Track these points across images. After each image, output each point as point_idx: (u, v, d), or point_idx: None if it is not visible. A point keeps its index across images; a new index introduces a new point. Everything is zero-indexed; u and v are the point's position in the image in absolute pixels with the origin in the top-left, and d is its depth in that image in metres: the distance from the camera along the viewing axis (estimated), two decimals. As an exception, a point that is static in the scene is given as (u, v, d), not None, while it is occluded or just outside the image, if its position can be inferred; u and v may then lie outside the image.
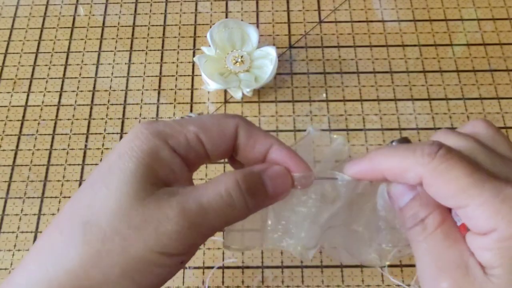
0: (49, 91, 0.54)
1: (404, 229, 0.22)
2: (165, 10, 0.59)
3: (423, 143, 0.21)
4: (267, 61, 0.53)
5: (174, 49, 0.57)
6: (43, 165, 0.51)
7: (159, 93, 0.54)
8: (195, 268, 0.45)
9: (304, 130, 0.51)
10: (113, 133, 0.52)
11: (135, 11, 0.59)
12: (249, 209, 0.23)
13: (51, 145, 0.51)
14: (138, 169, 0.21)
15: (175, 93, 0.54)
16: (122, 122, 0.53)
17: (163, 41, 0.57)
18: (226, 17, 0.58)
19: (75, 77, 0.55)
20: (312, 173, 0.24)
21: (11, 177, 0.50)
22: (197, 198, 0.21)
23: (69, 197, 0.49)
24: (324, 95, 0.53)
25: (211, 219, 0.22)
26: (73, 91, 0.54)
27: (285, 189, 0.24)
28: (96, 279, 0.20)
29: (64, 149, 0.51)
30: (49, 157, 0.51)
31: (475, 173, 0.19)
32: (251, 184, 0.23)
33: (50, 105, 0.54)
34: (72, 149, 0.51)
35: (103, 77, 0.55)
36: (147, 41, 0.57)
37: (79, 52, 0.57)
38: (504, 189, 0.19)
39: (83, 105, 0.54)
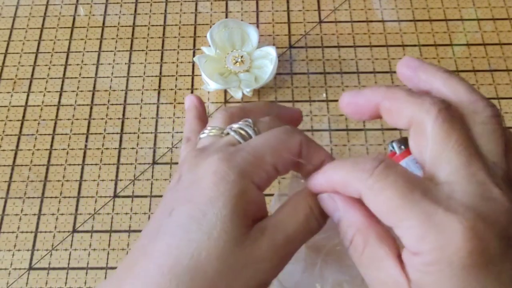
0: (49, 91, 0.54)
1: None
2: (165, 10, 0.59)
3: (370, 156, 0.21)
4: (267, 61, 0.53)
5: (174, 49, 0.57)
6: (43, 165, 0.50)
7: (159, 93, 0.54)
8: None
9: (306, 130, 0.51)
10: (113, 133, 0.52)
11: (135, 11, 0.59)
12: (322, 227, 0.24)
13: (51, 145, 0.51)
14: (233, 216, 0.22)
15: (175, 93, 0.54)
16: (122, 122, 0.53)
17: (163, 41, 0.57)
18: (226, 17, 0.58)
19: (75, 77, 0.55)
20: None
21: (11, 177, 0.50)
22: (283, 231, 0.23)
23: (69, 197, 0.49)
24: (324, 95, 0.53)
25: (295, 246, 0.23)
26: (73, 91, 0.54)
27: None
28: None
29: (64, 149, 0.51)
30: (49, 157, 0.51)
31: (408, 195, 0.19)
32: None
33: (50, 105, 0.54)
34: (72, 149, 0.51)
35: (103, 77, 0.55)
36: (147, 41, 0.57)
37: (79, 52, 0.57)
38: (435, 214, 0.18)
39: (83, 105, 0.54)
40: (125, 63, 0.56)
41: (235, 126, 0.26)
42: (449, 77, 0.22)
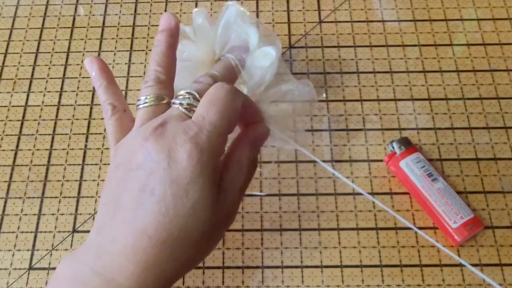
0: (49, 91, 0.54)
1: None
2: (165, 10, 0.59)
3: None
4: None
5: (174, 49, 0.57)
6: (43, 165, 0.51)
7: (159, 93, 0.54)
8: (195, 268, 0.45)
9: (307, 130, 0.51)
10: (113, 133, 0.52)
11: (135, 11, 0.59)
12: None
13: (51, 145, 0.51)
14: (210, 188, 0.27)
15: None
16: (122, 122, 0.52)
17: (163, 41, 0.57)
18: (226, 17, 0.58)
19: (75, 77, 0.55)
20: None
21: (11, 177, 0.50)
22: (237, 185, 0.29)
23: (69, 197, 0.49)
24: (324, 95, 0.53)
25: (245, 191, 0.30)
26: (73, 91, 0.54)
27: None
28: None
29: (64, 149, 0.51)
30: (49, 157, 0.51)
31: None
32: (258, 148, 0.32)
33: (50, 105, 0.54)
34: (72, 149, 0.51)
35: (103, 77, 0.55)
36: (147, 41, 0.57)
37: (79, 52, 0.57)
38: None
39: (83, 105, 0.54)
40: (125, 63, 0.56)
41: (178, 101, 0.30)
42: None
